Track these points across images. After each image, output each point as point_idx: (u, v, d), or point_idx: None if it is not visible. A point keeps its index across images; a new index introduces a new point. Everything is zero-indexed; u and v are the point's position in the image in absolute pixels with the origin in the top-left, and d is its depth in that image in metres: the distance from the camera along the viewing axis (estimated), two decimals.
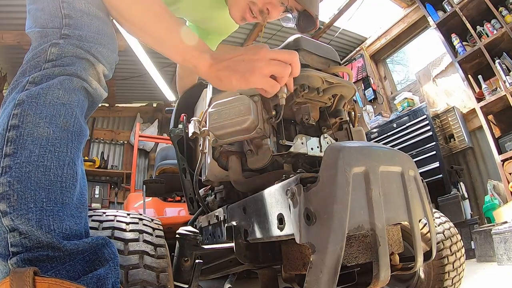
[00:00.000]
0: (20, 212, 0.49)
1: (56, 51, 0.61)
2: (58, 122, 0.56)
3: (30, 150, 0.52)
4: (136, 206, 2.67)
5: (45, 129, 0.54)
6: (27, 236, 0.49)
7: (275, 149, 0.87)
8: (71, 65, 0.61)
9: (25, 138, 0.53)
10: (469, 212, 3.07)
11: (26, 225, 0.49)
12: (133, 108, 6.29)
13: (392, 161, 0.64)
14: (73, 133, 0.58)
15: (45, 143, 0.54)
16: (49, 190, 0.52)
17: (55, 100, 0.57)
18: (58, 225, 0.51)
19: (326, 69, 0.94)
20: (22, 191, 0.50)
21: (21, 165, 0.51)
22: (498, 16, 3.06)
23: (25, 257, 0.48)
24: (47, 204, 0.51)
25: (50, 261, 0.49)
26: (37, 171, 0.52)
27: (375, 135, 3.98)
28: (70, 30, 0.63)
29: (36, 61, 0.61)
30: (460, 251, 1.15)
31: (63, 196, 0.53)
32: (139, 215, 0.79)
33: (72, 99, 0.59)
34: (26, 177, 0.51)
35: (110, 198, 5.42)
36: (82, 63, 0.63)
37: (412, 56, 4.71)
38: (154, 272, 0.66)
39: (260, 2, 0.94)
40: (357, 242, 0.63)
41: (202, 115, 0.93)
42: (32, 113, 0.54)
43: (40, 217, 0.49)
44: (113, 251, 0.57)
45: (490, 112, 3.29)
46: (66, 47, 0.62)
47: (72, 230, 0.53)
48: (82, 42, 0.64)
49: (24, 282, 0.43)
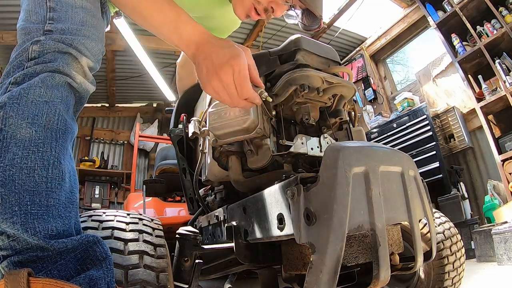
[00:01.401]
0: (5, 216, 0.49)
1: (37, 49, 0.60)
2: (41, 122, 0.55)
3: (14, 153, 0.52)
4: (136, 206, 2.67)
5: (27, 129, 0.53)
6: (15, 239, 0.49)
7: (275, 149, 0.87)
8: (53, 61, 0.60)
9: (8, 141, 0.52)
10: (469, 212, 3.07)
11: (12, 228, 0.49)
12: (133, 108, 6.29)
13: (392, 161, 0.64)
14: (57, 131, 0.57)
15: (28, 144, 0.53)
16: (34, 192, 0.51)
17: (37, 99, 0.56)
18: (44, 226, 0.51)
19: (326, 69, 0.94)
20: (6, 194, 0.49)
21: (5, 168, 0.50)
22: (498, 16, 3.06)
23: (15, 260, 0.48)
24: (32, 207, 0.50)
25: (40, 261, 0.49)
26: (21, 173, 0.51)
27: (375, 135, 3.98)
28: (53, 25, 0.63)
29: (18, 60, 0.60)
30: (460, 251, 1.15)
31: (49, 197, 0.53)
32: (139, 215, 0.78)
33: (54, 96, 0.58)
34: (10, 180, 0.50)
35: (110, 198, 5.42)
36: (65, 58, 0.62)
37: (412, 56, 4.71)
38: (154, 272, 0.66)
39: (265, 1, 0.94)
40: (357, 242, 0.62)
41: (202, 115, 0.93)
42: (14, 115, 0.53)
43: (25, 220, 0.49)
44: (105, 250, 0.56)
45: (490, 112, 3.29)
46: (48, 43, 0.61)
47: (59, 230, 0.52)
48: (64, 35, 0.62)
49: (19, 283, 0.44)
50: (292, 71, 0.86)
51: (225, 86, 0.63)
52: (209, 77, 0.65)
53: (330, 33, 4.63)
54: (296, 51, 0.93)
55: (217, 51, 0.65)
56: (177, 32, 0.69)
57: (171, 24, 0.69)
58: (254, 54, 0.95)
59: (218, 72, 0.63)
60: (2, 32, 3.56)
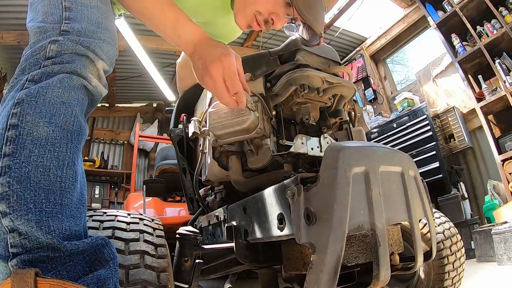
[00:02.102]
0: (19, 212, 0.49)
1: (55, 48, 0.60)
2: (58, 122, 0.56)
3: (30, 150, 0.52)
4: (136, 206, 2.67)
5: (44, 128, 0.54)
6: (27, 237, 0.48)
7: (275, 149, 0.87)
8: (70, 63, 0.60)
9: (24, 138, 0.52)
10: (469, 212, 3.07)
11: (26, 225, 0.48)
12: (133, 108, 6.28)
13: (392, 161, 0.64)
14: (73, 132, 0.57)
15: (45, 143, 0.53)
16: (49, 191, 0.51)
17: (54, 99, 0.56)
18: (58, 225, 0.51)
19: (326, 69, 0.94)
20: (22, 191, 0.49)
21: (21, 165, 0.51)
22: (498, 16, 3.06)
23: (25, 258, 0.48)
24: (47, 205, 0.50)
25: (50, 261, 0.49)
26: (37, 171, 0.51)
27: (375, 135, 3.98)
28: (69, 24, 0.63)
29: (35, 58, 0.60)
30: (460, 251, 1.15)
31: (63, 196, 0.53)
32: (140, 215, 0.79)
33: (71, 97, 0.59)
34: (25, 177, 0.50)
35: (110, 198, 5.42)
36: (82, 60, 0.62)
37: (412, 56, 4.71)
38: (155, 272, 0.66)
39: (266, 12, 0.93)
40: (357, 242, 0.63)
41: (202, 115, 0.93)
42: (32, 112, 0.54)
43: (39, 217, 0.49)
44: (113, 251, 0.57)
45: (490, 112, 3.29)
46: (66, 43, 0.61)
47: (72, 230, 0.53)
48: (82, 37, 0.63)
49: (26, 283, 0.43)
50: (292, 71, 0.87)
51: (216, 79, 0.69)
52: (202, 73, 0.71)
53: (330, 33, 4.63)
54: (296, 51, 0.93)
55: (210, 50, 0.71)
56: (176, 32, 0.74)
57: (171, 25, 0.74)
58: (254, 54, 0.95)
59: (209, 67, 0.69)
60: (2, 32, 3.56)
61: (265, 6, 0.92)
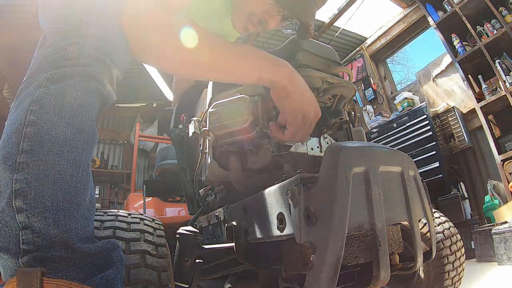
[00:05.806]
0: (37, 209, 0.48)
1: (75, 51, 0.60)
2: (75, 124, 0.56)
3: (48, 149, 0.52)
4: (136, 206, 2.67)
5: (63, 129, 0.54)
6: (40, 235, 0.48)
7: (275, 149, 0.87)
8: (89, 67, 0.60)
9: (42, 136, 0.52)
10: (469, 212, 3.07)
11: (43, 223, 0.48)
12: (133, 108, 6.28)
13: (392, 161, 0.64)
14: (88, 135, 0.58)
15: (63, 143, 0.53)
16: (65, 190, 0.51)
17: (73, 101, 0.56)
18: (74, 225, 0.51)
19: (326, 69, 0.94)
20: (40, 189, 0.49)
21: (39, 162, 0.50)
22: (498, 16, 3.06)
23: (37, 256, 0.48)
24: (64, 204, 0.51)
25: (61, 262, 0.49)
26: (54, 170, 0.51)
27: (375, 135, 3.98)
28: (89, 29, 0.63)
29: (53, 57, 0.60)
30: (460, 251, 1.15)
31: (78, 197, 0.53)
32: (140, 215, 0.79)
33: (88, 101, 0.59)
34: (43, 175, 0.50)
35: (110, 198, 5.42)
36: (100, 65, 0.63)
37: (412, 56, 4.72)
38: (156, 271, 0.66)
39: (259, 13, 0.96)
40: (357, 242, 0.63)
41: (202, 115, 0.93)
42: (51, 112, 0.54)
43: (57, 216, 0.49)
44: (120, 254, 0.57)
45: (490, 112, 3.29)
46: (86, 47, 0.61)
47: (85, 230, 0.53)
48: (101, 43, 0.63)
49: (32, 282, 0.43)
50: None
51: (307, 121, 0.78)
52: (301, 106, 0.77)
53: (330, 33, 4.63)
54: (296, 51, 0.93)
55: (305, 91, 0.78)
56: (260, 80, 0.76)
57: (253, 75, 0.76)
58: None
59: (306, 108, 0.77)
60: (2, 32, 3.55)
61: (256, 6, 0.95)
